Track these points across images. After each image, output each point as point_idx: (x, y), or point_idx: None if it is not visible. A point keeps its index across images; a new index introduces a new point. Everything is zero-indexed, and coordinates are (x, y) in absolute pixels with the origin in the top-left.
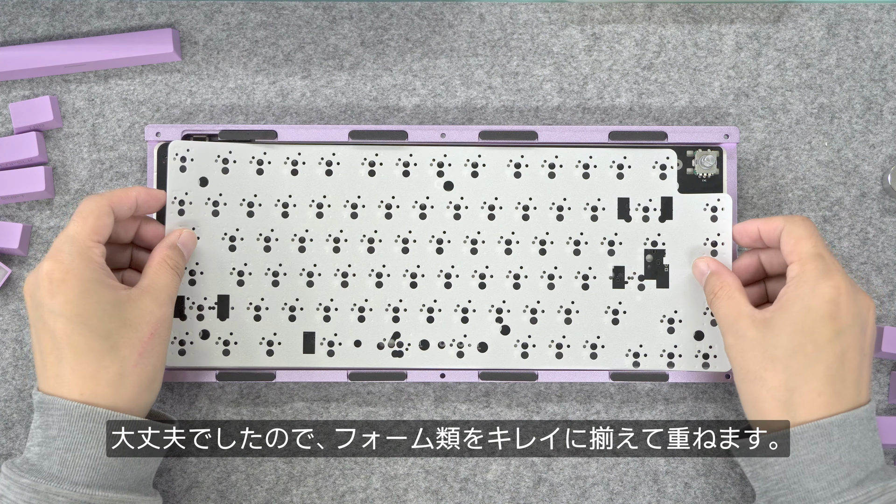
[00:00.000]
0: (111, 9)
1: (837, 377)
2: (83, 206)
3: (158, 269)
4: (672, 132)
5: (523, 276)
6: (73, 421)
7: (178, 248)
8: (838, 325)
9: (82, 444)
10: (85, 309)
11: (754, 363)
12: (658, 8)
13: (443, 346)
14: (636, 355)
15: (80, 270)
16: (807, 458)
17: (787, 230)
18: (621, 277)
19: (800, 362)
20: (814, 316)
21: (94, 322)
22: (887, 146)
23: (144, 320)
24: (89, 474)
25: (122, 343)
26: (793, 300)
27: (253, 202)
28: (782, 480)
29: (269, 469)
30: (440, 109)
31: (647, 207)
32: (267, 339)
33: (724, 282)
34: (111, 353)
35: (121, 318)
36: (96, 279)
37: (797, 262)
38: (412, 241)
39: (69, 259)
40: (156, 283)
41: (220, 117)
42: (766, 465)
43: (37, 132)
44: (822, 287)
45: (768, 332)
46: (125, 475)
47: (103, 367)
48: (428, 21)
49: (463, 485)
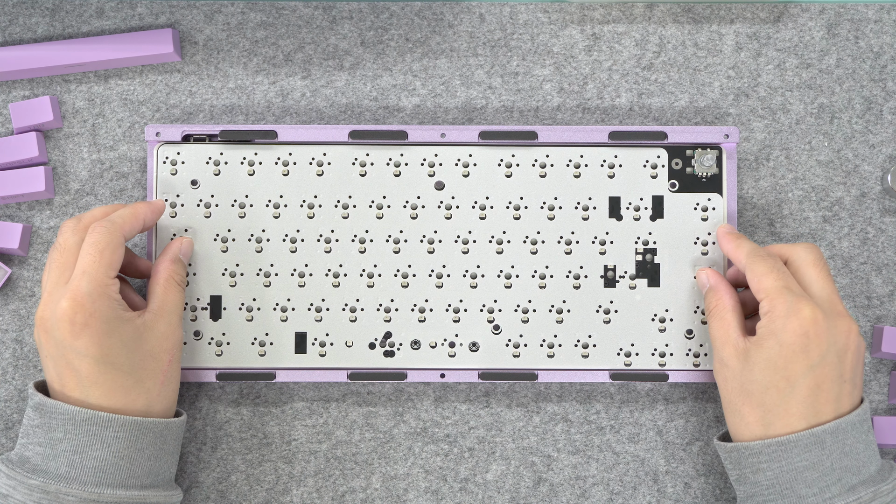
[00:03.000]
0: (111, 9)
1: (811, 412)
2: (98, 237)
3: (166, 288)
4: (672, 132)
5: (514, 276)
6: (78, 425)
7: (180, 261)
8: (810, 359)
9: (88, 446)
10: (110, 349)
11: (733, 395)
12: (658, 8)
13: (434, 345)
14: (627, 354)
15: (101, 311)
16: (800, 466)
17: (749, 269)
18: (612, 277)
19: (773, 398)
20: (786, 352)
21: (119, 360)
22: (887, 146)
23: (163, 348)
24: (97, 474)
25: (146, 375)
26: (766, 336)
27: (245, 203)
28: (774, 486)
29: (269, 469)
30: (440, 109)
31: (639, 207)
32: (259, 340)
33: (720, 301)
34: (136, 386)
35: (142, 350)
36: (116, 317)
37: (765, 298)
38: (403, 242)
39: (90, 302)
40: (166, 304)
41: (220, 117)
42: (758, 470)
43: (37, 132)
44: (791, 321)
45: (745, 366)
46: (134, 472)
47: (131, 401)
48: (428, 21)
49: (463, 485)
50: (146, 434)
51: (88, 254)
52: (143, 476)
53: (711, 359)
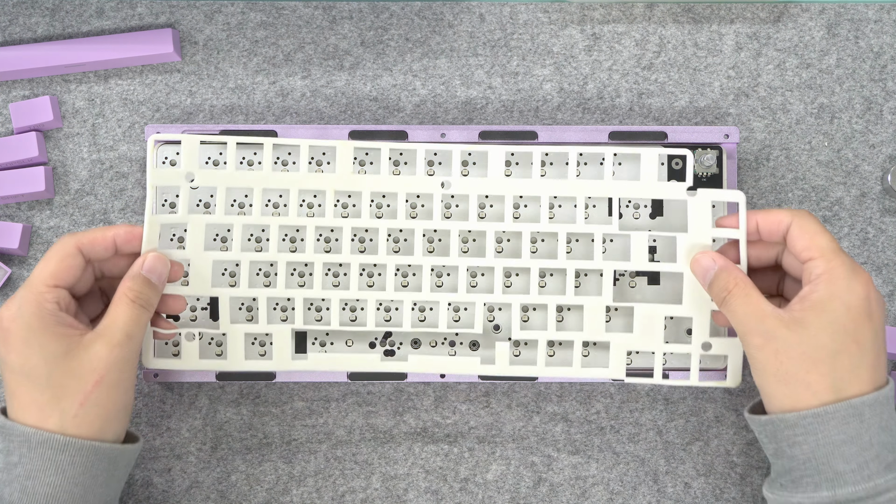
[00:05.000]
0: (111, 9)
1: (877, 376)
2: (52, 247)
3: (116, 305)
4: (672, 132)
5: (515, 275)
6: (32, 448)
7: (141, 278)
8: (875, 323)
9: (41, 471)
10: (27, 360)
11: (793, 365)
12: (658, 8)
13: (435, 345)
14: (629, 353)
15: (24, 318)
16: (837, 439)
17: (798, 225)
18: (612, 276)
19: (845, 363)
20: (853, 315)
21: (35, 373)
22: (887, 146)
23: (91, 368)
24: (49, 502)
25: (65, 394)
26: (828, 299)
27: (244, 203)
28: (810, 461)
29: (269, 469)
30: (440, 109)
31: (638, 206)
32: (259, 340)
33: (738, 279)
34: (52, 404)
35: (65, 367)
36: (42, 326)
37: (820, 258)
38: (403, 241)
39: (17, 306)
40: (112, 322)
41: (220, 117)
42: (794, 443)
43: (37, 132)
44: (855, 284)
45: (804, 333)
46: (87, 499)
47: (45, 417)
48: (428, 21)
49: (463, 485)
50: (101, 460)
51: (39, 263)
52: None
53: (712, 358)
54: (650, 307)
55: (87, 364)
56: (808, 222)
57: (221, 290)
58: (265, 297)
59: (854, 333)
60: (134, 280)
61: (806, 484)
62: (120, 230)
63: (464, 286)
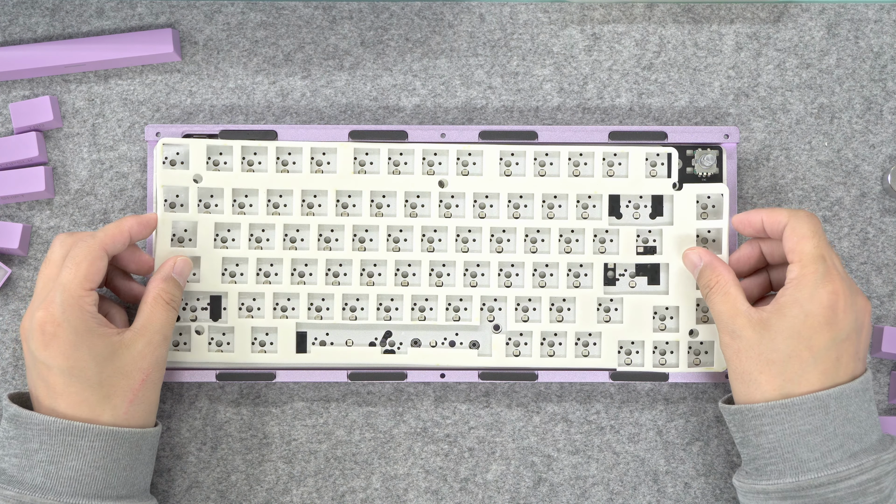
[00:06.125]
0: (111, 9)
1: (829, 383)
2: (77, 250)
3: (153, 307)
4: (672, 132)
5: (514, 275)
6: (53, 435)
7: (172, 280)
8: (835, 332)
9: (63, 456)
10: (77, 361)
11: (750, 364)
12: (658, 8)
13: (434, 344)
14: (628, 352)
15: (71, 322)
16: (802, 429)
17: (791, 226)
18: (612, 275)
19: (794, 367)
20: (811, 322)
21: (86, 374)
22: (887, 146)
23: (137, 367)
24: (73, 485)
25: (115, 392)
26: (790, 304)
27: (244, 203)
28: (775, 449)
29: (269, 469)
30: (440, 109)
31: (638, 204)
32: (259, 340)
33: (720, 276)
34: (103, 402)
35: (113, 367)
36: (87, 330)
37: (797, 262)
38: (403, 241)
39: (60, 311)
40: (150, 323)
41: (220, 117)
42: (761, 433)
43: (37, 132)
44: (820, 293)
45: (765, 335)
46: (110, 483)
47: (96, 416)
48: (428, 21)
49: (463, 485)
50: (122, 444)
51: (67, 267)
52: (118, 486)
53: (712, 358)
54: (639, 298)
55: (132, 363)
56: (801, 225)
57: (229, 287)
58: (270, 293)
59: (808, 340)
60: (167, 282)
61: (770, 472)
62: (131, 222)
63: (463, 286)
